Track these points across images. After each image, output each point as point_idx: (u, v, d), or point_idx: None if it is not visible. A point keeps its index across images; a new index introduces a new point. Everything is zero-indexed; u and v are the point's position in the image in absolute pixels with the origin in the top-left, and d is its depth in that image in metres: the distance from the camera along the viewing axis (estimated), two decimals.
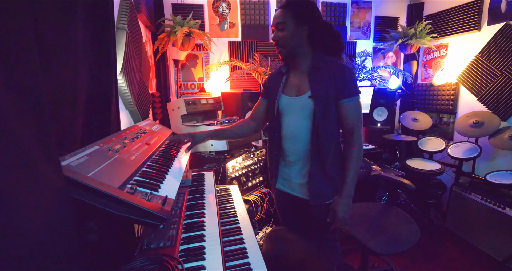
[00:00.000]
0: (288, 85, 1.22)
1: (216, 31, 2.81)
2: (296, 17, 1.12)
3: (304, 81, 1.17)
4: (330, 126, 1.15)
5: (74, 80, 0.82)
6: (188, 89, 2.85)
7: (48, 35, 0.70)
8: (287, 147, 1.22)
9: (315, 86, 1.13)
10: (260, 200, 2.10)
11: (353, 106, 1.13)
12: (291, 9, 1.12)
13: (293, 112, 1.18)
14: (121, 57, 1.28)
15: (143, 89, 1.68)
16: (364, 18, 3.16)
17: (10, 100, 0.47)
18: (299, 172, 1.22)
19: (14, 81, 0.47)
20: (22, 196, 0.48)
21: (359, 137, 1.14)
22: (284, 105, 1.20)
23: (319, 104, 1.12)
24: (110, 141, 0.93)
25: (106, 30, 1.01)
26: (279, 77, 1.26)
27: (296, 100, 1.17)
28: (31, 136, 0.51)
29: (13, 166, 0.46)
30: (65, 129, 0.80)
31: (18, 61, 0.48)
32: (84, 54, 0.87)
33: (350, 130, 1.14)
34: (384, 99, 2.85)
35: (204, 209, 1.14)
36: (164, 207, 0.70)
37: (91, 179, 0.64)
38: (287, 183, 1.27)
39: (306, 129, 1.16)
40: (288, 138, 1.21)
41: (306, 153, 1.18)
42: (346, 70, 1.13)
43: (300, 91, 1.17)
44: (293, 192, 1.25)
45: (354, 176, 1.12)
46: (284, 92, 1.21)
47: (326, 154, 1.15)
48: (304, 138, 1.17)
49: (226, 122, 2.03)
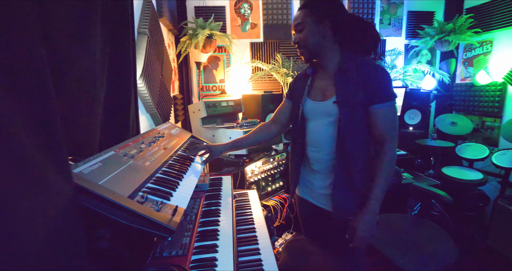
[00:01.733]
0: (314, 89, 1.14)
1: (238, 32, 2.79)
2: (314, 15, 1.04)
3: (330, 84, 1.08)
4: (358, 134, 1.05)
5: (92, 86, 0.82)
6: (209, 91, 2.87)
7: (65, 41, 0.70)
8: (311, 155, 1.15)
9: (341, 90, 1.04)
10: (280, 205, 2.04)
11: (385, 113, 1.01)
12: (308, 8, 1.06)
13: (318, 118, 1.11)
14: (142, 61, 1.29)
15: (164, 92, 1.69)
16: (395, 13, 2.96)
17: (17, 109, 0.46)
18: (323, 182, 1.14)
19: (21, 89, 0.47)
20: (28, 204, 0.47)
21: (391, 148, 1.02)
22: (309, 110, 1.13)
23: (345, 111, 1.02)
24: (127, 145, 0.93)
25: (125, 35, 1.02)
26: (304, 79, 1.19)
27: (321, 105, 1.09)
28: (38, 145, 0.50)
29: (19, 175, 0.46)
30: (82, 135, 0.80)
31: (26, 69, 0.48)
32: (102, 59, 0.88)
33: (380, 140, 1.03)
34: (417, 101, 2.65)
35: (219, 216, 1.11)
36: (174, 218, 0.67)
37: (101, 187, 0.63)
38: (309, 192, 1.20)
39: (331, 137, 1.08)
40: (311, 145, 1.14)
41: (331, 162, 1.10)
42: (379, 71, 1.02)
43: (326, 96, 1.09)
44: (316, 202, 1.17)
45: (381, 192, 1.02)
46: (309, 96, 1.14)
47: (353, 165, 1.05)
48: (329, 146, 1.09)
49: (246, 125, 1.99)
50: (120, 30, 0.99)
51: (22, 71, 0.47)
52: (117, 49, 0.99)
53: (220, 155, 1.31)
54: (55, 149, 0.54)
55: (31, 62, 0.48)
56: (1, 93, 0.42)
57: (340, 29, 1.07)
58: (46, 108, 0.52)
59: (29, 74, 0.48)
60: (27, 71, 0.48)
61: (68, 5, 0.70)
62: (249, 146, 1.40)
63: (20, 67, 0.46)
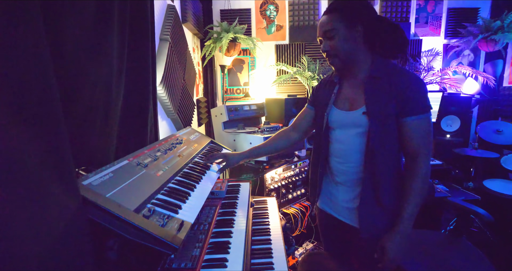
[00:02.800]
0: (341, 97, 1.07)
1: (263, 35, 2.76)
2: (346, 18, 0.96)
3: (359, 93, 1.01)
4: (388, 148, 0.97)
5: (107, 94, 0.84)
6: (233, 94, 2.87)
7: (80, 48, 0.71)
8: (335, 166, 1.08)
9: (371, 100, 0.96)
10: (301, 214, 1.97)
11: (419, 125, 0.93)
12: (337, 10, 0.97)
13: (345, 128, 1.04)
14: (162, 67, 1.30)
15: (186, 97, 1.71)
16: (433, 11, 2.73)
17: (21, 124, 0.47)
18: (347, 195, 1.07)
19: (26, 103, 0.47)
20: (33, 219, 0.48)
21: (425, 165, 0.93)
22: (335, 120, 1.06)
23: (376, 123, 0.95)
24: (142, 154, 0.93)
25: (144, 43, 1.03)
26: (330, 86, 1.11)
27: (349, 115, 1.02)
28: (44, 160, 0.50)
29: (24, 189, 0.46)
30: (97, 143, 0.82)
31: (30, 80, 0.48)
32: (118, 67, 0.89)
33: (413, 155, 0.95)
34: (456, 106, 2.41)
35: (233, 227, 1.08)
36: (178, 234, 0.65)
37: (108, 200, 0.63)
38: (332, 204, 1.13)
39: (358, 149, 1.00)
40: (336, 155, 1.07)
41: (357, 175, 1.02)
42: (413, 80, 0.93)
43: (354, 105, 1.01)
44: (339, 216, 1.10)
45: (413, 212, 0.93)
46: (336, 104, 1.07)
47: (382, 180, 0.97)
48: (355, 158, 1.02)
49: (267, 131, 1.95)
50: (139, 38, 1.01)
51: (27, 83, 0.47)
52: (136, 57, 1.00)
53: (237, 163, 1.28)
54: (61, 163, 0.54)
55: (36, 73, 0.48)
56: (4, 107, 0.43)
57: (372, 33, 0.98)
58: (52, 122, 0.52)
59: (34, 87, 0.48)
60: (31, 83, 0.48)
61: (84, 13, 0.71)
62: (267, 154, 1.34)
63: (24, 78, 0.46)
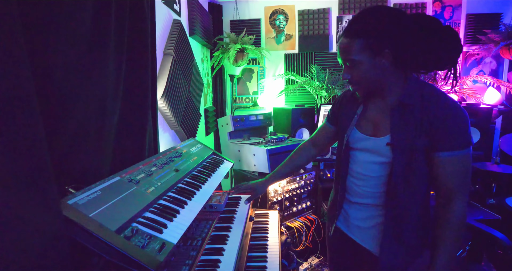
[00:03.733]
0: (364, 119, 0.97)
1: (272, 44, 2.76)
2: (371, 46, 0.81)
3: (384, 118, 0.91)
4: (414, 184, 0.87)
5: (101, 112, 0.86)
6: (242, 103, 2.88)
7: (75, 70, 0.74)
8: (350, 186, 1.02)
9: (397, 131, 0.86)
10: (305, 227, 1.92)
11: (456, 162, 0.81)
12: (360, 35, 0.81)
13: (365, 152, 0.96)
14: (164, 81, 1.33)
15: (191, 108, 1.74)
16: (451, 17, 2.62)
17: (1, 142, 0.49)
18: (358, 213, 1.01)
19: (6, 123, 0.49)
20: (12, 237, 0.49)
21: (462, 207, 0.83)
22: (356, 142, 0.98)
23: (401, 156, 0.85)
24: (136, 169, 0.95)
25: (143, 58, 1.06)
26: (353, 105, 1.01)
27: (371, 141, 0.93)
28: (25, 180, 0.52)
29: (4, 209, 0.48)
30: (91, 160, 0.84)
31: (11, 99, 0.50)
32: (115, 83, 0.92)
33: (447, 194, 0.84)
34: (475, 118, 2.28)
35: (226, 244, 1.07)
36: (157, 256, 0.65)
37: (90, 219, 0.64)
38: (345, 222, 1.08)
39: (377, 176, 0.93)
40: (353, 176, 1.00)
41: (372, 200, 0.96)
42: (452, 109, 0.80)
43: (378, 131, 0.92)
44: (351, 235, 1.05)
45: (447, 259, 0.83)
46: (358, 126, 0.97)
47: (406, 219, 0.90)
48: (373, 184, 0.95)
49: (272, 142, 1.93)
50: (138, 55, 1.04)
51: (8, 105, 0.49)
52: (134, 73, 1.03)
53: (264, 191, 1.27)
54: (43, 184, 0.56)
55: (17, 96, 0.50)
56: None
57: (404, 52, 0.82)
58: (33, 142, 0.54)
59: (16, 110, 0.50)
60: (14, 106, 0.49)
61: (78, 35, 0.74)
62: (291, 172, 1.29)
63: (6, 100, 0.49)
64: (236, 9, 2.69)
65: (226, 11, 2.71)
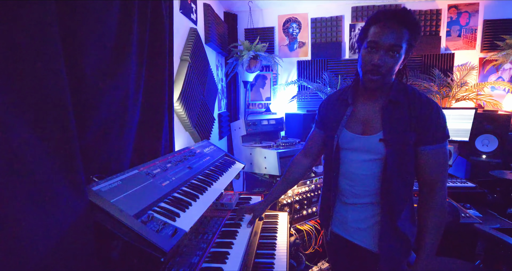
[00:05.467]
0: (353, 119, 1.00)
1: (285, 51, 2.84)
2: (410, 41, 0.85)
3: (375, 116, 0.95)
4: (405, 177, 0.93)
5: (124, 111, 0.95)
6: (255, 109, 2.95)
7: (100, 69, 0.83)
8: (345, 188, 1.03)
9: (389, 127, 0.91)
10: (315, 231, 1.92)
11: (438, 155, 0.90)
12: (408, 26, 0.84)
13: (356, 152, 0.99)
14: (180, 85, 1.42)
15: (205, 112, 1.82)
16: (467, 24, 2.59)
17: (36, 132, 0.57)
18: (356, 215, 1.03)
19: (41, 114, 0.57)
20: (42, 218, 0.57)
21: (442, 196, 0.91)
22: (346, 142, 1.01)
23: (394, 151, 0.90)
24: (153, 164, 1.03)
25: (161, 64, 1.15)
26: (342, 107, 1.04)
27: (362, 140, 0.96)
28: (54, 168, 0.60)
29: (36, 193, 0.56)
30: (112, 154, 0.93)
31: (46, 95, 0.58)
32: (136, 86, 1.01)
33: (430, 184, 0.92)
34: (493, 125, 2.22)
35: (235, 238, 1.11)
36: (169, 240, 0.71)
37: (112, 204, 0.72)
38: (342, 226, 1.09)
39: (372, 176, 0.97)
40: (347, 178, 1.02)
41: (369, 199, 0.99)
42: (433, 107, 0.89)
43: (368, 129, 0.96)
44: (350, 238, 1.06)
45: (434, 243, 0.91)
46: (347, 126, 1.00)
47: (399, 210, 0.94)
48: (367, 182, 0.98)
49: (283, 145, 1.98)
50: (156, 59, 1.13)
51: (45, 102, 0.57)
52: (153, 75, 1.12)
53: (263, 212, 1.29)
54: (71, 170, 0.64)
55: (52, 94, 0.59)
56: (19, 118, 0.53)
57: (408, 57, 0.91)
58: (65, 134, 0.62)
59: (51, 106, 0.59)
60: (49, 102, 0.58)
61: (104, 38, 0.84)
62: (288, 189, 1.31)
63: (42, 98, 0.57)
64: (250, 17, 2.80)
65: (241, 20, 2.83)
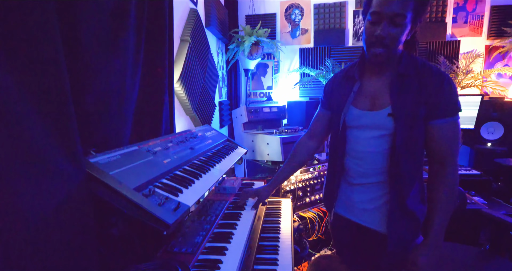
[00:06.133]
0: (361, 95, 0.97)
1: (288, 39, 2.78)
2: (418, 10, 0.82)
3: (383, 91, 0.92)
4: (414, 153, 0.89)
5: (122, 86, 0.91)
6: (257, 98, 2.90)
7: (97, 40, 0.79)
8: (352, 167, 1.00)
9: (398, 101, 0.87)
10: (318, 218, 1.90)
11: (449, 129, 0.86)
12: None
13: (364, 129, 0.95)
14: (181, 66, 1.38)
15: (206, 97, 1.78)
16: (473, 10, 2.53)
17: (31, 99, 0.53)
18: (364, 196, 1.00)
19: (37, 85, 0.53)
20: (37, 187, 0.53)
21: (453, 171, 0.87)
22: (353, 119, 0.97)
23: (403, 126, 0.87)
24: (153, 143, 0.98)
25: (160, 40, 1.11)
26: (348, 83, 1.00)
27: (370, 115, 0.93)
28: (50, 136, 0.56)
29: (30, 161, 0.52)
30: (110, 131, 0.89)
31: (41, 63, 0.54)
32: (134, 62, 0.96)
33: (440, 160, 0.88)
34: (499, 112, 2.18)
35: (239, 220, 1.08)
36: (172, 213, 0.68)
37: (110, 176, 0.68)
38: (348, 207, 1.06)
39: (379, 152, 0.93)
40: (353, 156, 0.99)
41: (376, 178, 0.96)
42: (445, 78, 0.85)
43: (376, 104, 0.92)
44: (356, 219, 1.03)
45: (443, 222, 0.87)
46: (354, 103, 0.97)
47: (407, 188, 0.91)
48: (375, 160, 0.94)
49: (286, 132, 1.94)
50: (156, 35, 1.08)
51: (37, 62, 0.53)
52: (152, 52, 1.07)
53: (268, 196, 1.24)
54: (68, 139, 0.60)
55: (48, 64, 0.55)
56: (17, 85, 0.49)
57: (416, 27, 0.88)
58: (62, 104, 0.58)
59: (47, 77, 0.55)
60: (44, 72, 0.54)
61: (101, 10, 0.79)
62: (292, 172, 1.27)
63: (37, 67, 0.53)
64: (252, 4, 2.74)
65: (242, 6, 2.77)
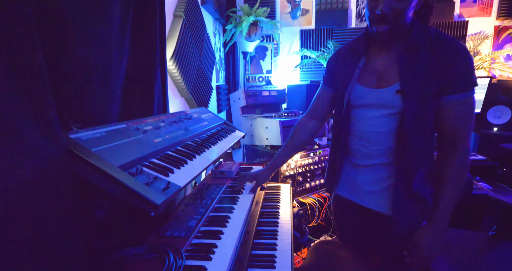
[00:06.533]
0: (366, 71, 0.90)
1: (288, 20, 2.66)
2: None
3: (391, 66, 0.85)
4: (423, 133, 0.83)
5: (107, 56, 0.83)
6: (255, 82, 2.81)
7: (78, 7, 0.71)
8: (356, 149, 0.95)
9: (408, 76, 0.81)
10: (319, 204, 1.86)
11: (462, 105, 0.79)
12: None
13: (370, 108, 0.89)
14: (174, 43, 1.29)
15: (202, 78, 1.70)
16: None
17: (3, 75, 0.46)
18: (369, 177, 0.95)
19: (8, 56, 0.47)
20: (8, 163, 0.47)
21: (465, 151, 0.81)
22: (358, 98, 0.91)
23: (412, 104, 0.80)
24: (144, 122, 0.92)
25: (150, 13, 1.02)
26: (353, 59, 0.94)
27: (376, 93, 0.86)
28: (21, 109, 0.49)
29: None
30: (96, 106, 0.82)
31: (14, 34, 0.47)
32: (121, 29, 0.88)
33: (451, 140, 0.82)
34: (507, 96, 2.11)
35: (236, 204, 1.03)
36: (161, 193, 0.62)
37: (93, 153, 0.62)
38: (351, 190, 1.02)
39: (386, 132, 0.87)
40: (358, 137, 0.94)
41: (382, 159, 0.90)
42: (460, 49, 0.77)
43: (383, 81, 0.86)
44: (360, 201, 0.99)
45: (450, 204, 0.82)
46: (360, 80, 0.91)
47: (415, 169, 0.85)
48: (381, 141, 0.89)
49: (285, 115, 1.87)
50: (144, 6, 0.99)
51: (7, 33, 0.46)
52: (141, 23, 0.99)
53: (267, 180, 1.19)
54: (43, 113, 0.53)
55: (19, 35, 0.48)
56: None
57: None
58: (33, 70, 0.51)
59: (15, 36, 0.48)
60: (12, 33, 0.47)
61: None
62: (292, 155, 1.22)
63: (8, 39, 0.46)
64: None
65: None
